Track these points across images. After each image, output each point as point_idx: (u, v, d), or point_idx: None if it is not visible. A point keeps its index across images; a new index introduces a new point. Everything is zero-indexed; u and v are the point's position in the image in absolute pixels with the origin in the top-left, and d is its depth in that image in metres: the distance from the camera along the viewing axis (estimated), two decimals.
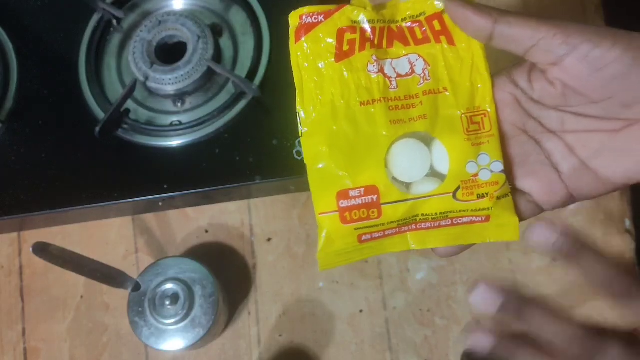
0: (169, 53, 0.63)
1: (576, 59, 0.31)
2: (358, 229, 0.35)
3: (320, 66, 0.37)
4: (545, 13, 0.70)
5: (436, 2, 0.36)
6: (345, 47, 0.37)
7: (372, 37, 0.37)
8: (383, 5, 0.38)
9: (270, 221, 0.66)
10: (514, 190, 0.37)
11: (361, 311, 0.63)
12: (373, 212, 0.35)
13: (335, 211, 0.35)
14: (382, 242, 0.37)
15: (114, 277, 0.54)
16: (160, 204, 0.62)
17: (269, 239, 0.65)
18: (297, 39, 0.39)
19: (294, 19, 0.39)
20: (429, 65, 0.37)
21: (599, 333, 0.34)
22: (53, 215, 0.61)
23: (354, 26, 0.37)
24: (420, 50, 0.37)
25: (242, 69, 0.63)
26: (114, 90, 0.64)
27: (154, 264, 0.58)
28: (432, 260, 0.64)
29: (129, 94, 0.61)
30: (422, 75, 0.37)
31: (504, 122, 0.36)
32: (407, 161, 0.35)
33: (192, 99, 0.63)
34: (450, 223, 0.36)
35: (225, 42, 0.65)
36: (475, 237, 0.37)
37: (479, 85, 0.36)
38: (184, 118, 0.62)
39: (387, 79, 0.36)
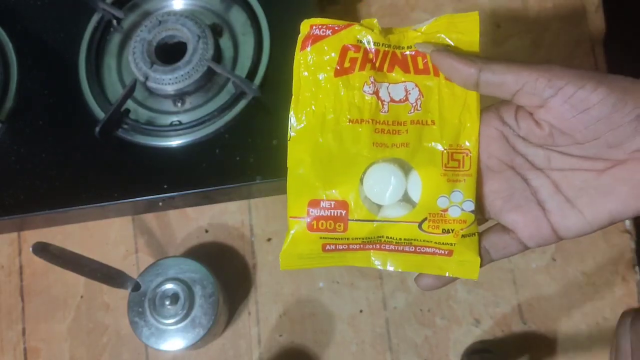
0: (169, 53, 0.63)
1: (560, 100, 0.32)
2: (323, 238, 0.37)
3: (320, 78, 0.38)
4: (545, 14, 0.70)
5: (445, 37, 0.38)
6: (347, 64, 0.38)
7: (374, 59, 0.38)
8: (391, 30, 0.39)
9: (270, 221, 0.66)
10: (497, 226, 0.37)
11: (361, 311, 0.63)
12: (340, 226, 0.37)
13: (304, 217, 0.36)
14: (345, 255, 0.38)
15: (114, 277, 0.54)
16: (160, 204, 0.62)
17: (269, 239, 0.65)
18: (303, 47, 0.40)
19: (305, 27, 0.40)
20: (423, 97, 0.38)
21: None
22: (53, 215, 0.61)
23: (359, 45, 0.38)
24: (418, 80, 0.38)
25: (242, 69, 0.63)
26: (114, 90, 0.64)
27: (154, 264, 0.58)
28: None
29: (129, 94, 0.61)
30: (414, 104, 0.38)
31: (491, 157, 0.37)
32: (382, 184, 0.37)
33: (192, 99, 0.63)
34: (413, 250, 0.37)
35: (225, 42, 0.65)
36: (436, 269, 0.38)
37: (468, 124, 0.37)
38: (184, 118, 0.62)
39: (380, 102, 0.37)
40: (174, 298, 0.56)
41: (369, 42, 0.38)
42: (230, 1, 0.66)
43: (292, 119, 0.39)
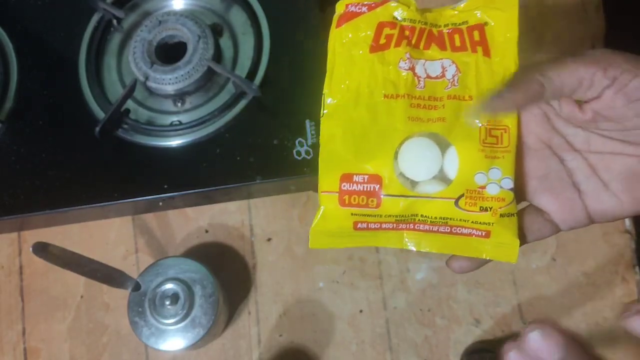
0: (169, 53, 0.63)
1: (615, 90, 0.31)
2: (355, 214, 0.35)
3: (354, 54, 0.38)
4: (545, 13, 0.70)
5: (482, 14, 0.38)
6: (382, 41, 0.37)
7: (410, 36, 0.38)
8: (429, 9, 0.39)
9: (270, 221, 0.66)
10: (530, 208, 0.36)
11: (361, 311, 0.63)
12: (372, 201, 0.35)
13: (336, 192, 0.35)
14: (377, 234, 0.36)
15: (114, 277, 0.54)
16: (161, 204, 0.62)
17: (269, 239, 0.65)
18: (339, 25, 0.39)
19: (341, 6, 0.39)
20: (460, 73, 0.37)
21: None
22: (53, 215, 0.61)
23: (395, 22, 0.38)
24: (456, 57, 0.38)
25: (242, 68, 0.63)
26: (114, 90, 0.64)
27: (154, 264, 0.58)
28: (432, 260, 0.64)
29: (129, 93, 0.61)
30: (452, 80, 0.37)
31: (530, 134, 0.36)
32: (417, 159, 0.35)
33: (192, 98, 0.63)
34: (448, 231, 0.36)
35: (225, 42, 0.65)
36: (472, 251, 0.36)
37: None
38: (184, 118, 0.62)
39: (415, 78, 0.37)
40: (174, 298, 0.56)
41: (404, 20, 0.38)
42: (231, 1, 0.66)
43: (326, 96, 0.38)
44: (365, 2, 0.38)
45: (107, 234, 0.66)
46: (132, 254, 0.66)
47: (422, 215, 0.36)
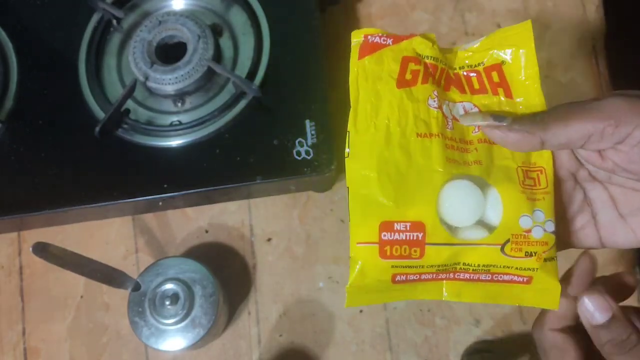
0: (169, 53, 0.63)
1: (630, 145, 0.31)
2: (395, 266, 0.32)
3: (380, 89, 0.35)
4: (545, 14, 0.70)
5: (499, 52, 0.36)
6: (408, 76, 0.35)
7: (433, 73, 0.36)
8: (444, 49, 0.37)
9: (270, 221, 0.66)
10: None
11: (361, 311, 0.63)
12: (415, 251, 0.32)
13: (376, 243, 0.32)
14: (416, 287, 0.34)
15: (114, 277, 0.54)
16: (160, 203, 0.62)
17: (269, 239, 0.65)
18: (361, 56, 0.36)
19: (357, 36, 0.37)
20: None
21: None
22: (53, 215, 0.61)
23: (419, 58, 0.36)
24: (476, 100, 0.36)
25: (242, 68, 0.63)
26: (114, 90, 0.64)
27: (154, 264, 0.58)
28: None
29: (129, 93, 0.61)
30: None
31: (561, 168, 0.36)
32: (459, 203, 0.33)
33: (192, 98, 0.63)
34: (489, 278, 0.34)
35: (225, 42, 0.65)
36: (513, 299, 0.35)
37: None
38: (184, 118, 0.62)
39: (444, 117, 0.35)
40: (174, 298, 0.56)
41: (429, 57, 0.36)
42: (231, 1, 0.66)
43: (351, 133, 0.35)
44: (387, 35, 0.37)
45: (107, 234, 0.66)
46: (132, 254, 0.66)
47: (464, 264, 0.33)
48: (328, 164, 0.57)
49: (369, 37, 0.36)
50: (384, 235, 0.32)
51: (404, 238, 0.32)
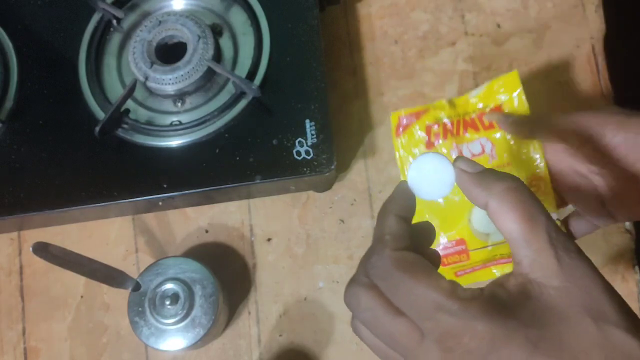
0: (169, 53, 0.63)
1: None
2: (454, 268, 0.50)
3: (415, 152, 0.50)
4: (545, 14, 0.70)
5: (498, 96, 0.50)
6: (433, 139, 0.50)
7: (451, 128, 0.51)
8: (454, 102, 0.51)
9: (270, 221, 0.66)
10: (575, 212, 0.48)
11: None
12: (463, 257, 0.49)
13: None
14: (472, 275, 0.50)
15: (114, 277, 0.54)
16: (160, 203, 0.62)
17: (269, 239, 0.65)
18: (397, 134, 0.51)
19: (395, 118, 0.52)
20: (495, 146, 0.50)
21: None
22: (53, 215, 0.61)
23: (438, 122, 0.51)
24: (488, 135, 0.50)
25: (242, 69, 0.63)
26: (114, 90, 0.64)
27: (154, 263, 0.58)
28: None
29: (129, 93, 0.61)
30: (491, 154, 0.50)
31: (560, 163, 0.46)
32: (485, 218, 0.39)
33: (192, 99, 0.63)
34: None
35: (225, 42, 0.65)
36: None
37: (537, 156, 0.48)
38: (184, 118, 0.62)
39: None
40: (174, 298, 0.56)
41: (444, 118, 0.51)
42: (230, 1, 0.66)
43: None
44: (412, 112, 0.51)
45: (107, 234, 0.66)
46: (132, 253, 0.66)
47: (500, 254, 0.48)
48: (328, 164, 0.57)
49: (402, 117, 0.51)
50: (440, 252, 0.48)
51: (453, 251, 0.49)
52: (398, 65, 0.70)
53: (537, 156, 0.48)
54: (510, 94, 0.50)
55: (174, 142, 0.60)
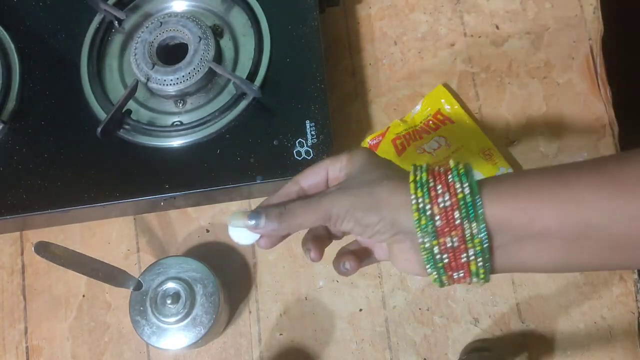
0: (170, 54, 0.63)
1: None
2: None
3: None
4: (544, 14, 0.70)
5: (446, 106, 0.67)
6: (400, 148, 0.65)
7: (412, 137, 0.65)
8: (406, 119, 0.67)
9: None
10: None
11: (361, 310, 0.63)
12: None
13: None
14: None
15: (115, 276, 0.55)
16: (162, 203, 0.62)
17: None
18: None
19: (365, 144, 0.66)
20: (447, 138, 0.64)
21: None
22: (55, 215, 0.61)
23: (399, 135, 0.65)
24: (438, 133, 0.65)
25: (243, 69, 0.63)
26: (116, 91, 0.64)
27: (155, 263, 0.58)
28: None
29: (131, 94, 0.61)
30: (446, 145, 0.64)
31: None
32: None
33: (193, 99, 0.64)
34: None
35: (226, 43, 0.65)
36: None
37: (478, 132, 0.64)
38: (185, 118, 0.63)
39: (430, 154, 0.64)
40: (175, 297, 0.56)
41: (402, 131, 0.65)
42: (231, 2, 0.66)
43: None
44: (377, 135, 0.66)
45: (108, 234, 0.67)
46: (133, 253, 0.66)
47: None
48: None
49: (369, 141, 0.66)
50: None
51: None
52: (397, 66, 0.70)
53: (479, 132, 0.64)
54: (440, 100, 0.66)
55: (175, 142, 0.61)
